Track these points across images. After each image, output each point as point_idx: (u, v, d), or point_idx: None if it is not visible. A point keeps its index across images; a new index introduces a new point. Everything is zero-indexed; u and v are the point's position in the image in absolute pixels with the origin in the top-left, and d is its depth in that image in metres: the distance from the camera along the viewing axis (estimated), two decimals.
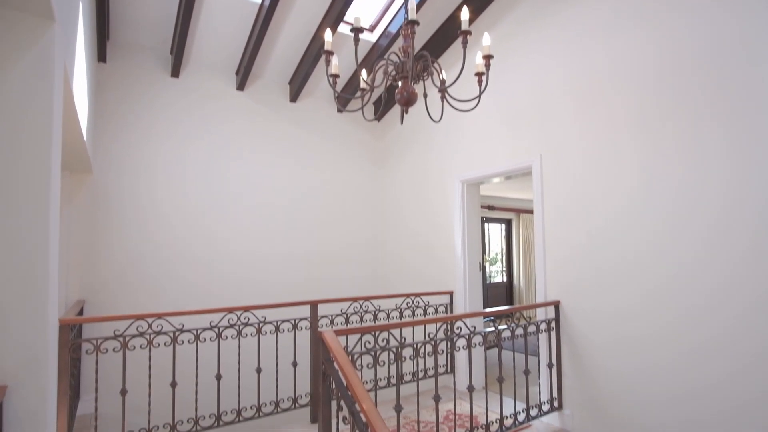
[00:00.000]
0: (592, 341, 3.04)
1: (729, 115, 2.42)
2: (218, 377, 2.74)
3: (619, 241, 2.90)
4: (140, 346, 2.51)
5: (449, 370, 3.92)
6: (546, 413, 3.18)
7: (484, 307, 4.72)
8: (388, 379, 3.46)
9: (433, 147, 4.49)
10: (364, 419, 1.71)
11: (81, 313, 3.17)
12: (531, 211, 3.45)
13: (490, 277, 8.16)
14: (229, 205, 4.17)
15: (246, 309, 2.84)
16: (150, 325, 2.53)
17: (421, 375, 3.59)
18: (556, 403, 3.23)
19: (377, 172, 5.24)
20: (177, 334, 2.61)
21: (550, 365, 3.23)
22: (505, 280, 8.35)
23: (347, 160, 5.01)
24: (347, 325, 3.35)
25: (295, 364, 3.01)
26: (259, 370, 2.88)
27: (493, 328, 2.84)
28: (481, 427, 2.79)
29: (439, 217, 4.33)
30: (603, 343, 2.98)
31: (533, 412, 3.09)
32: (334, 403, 1.99)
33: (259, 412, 2.88)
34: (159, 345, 2.57)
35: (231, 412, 2.80)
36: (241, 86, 4.24)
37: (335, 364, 1.95)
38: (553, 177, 3.32)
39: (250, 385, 2.93)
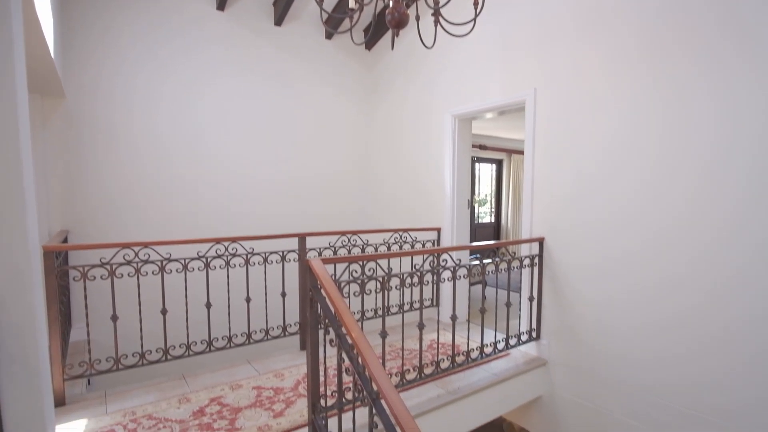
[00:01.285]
0: (573, 277, 3.14)
1: (737, 53, 2.33)
2: (208, 306, 2.80)
3: (607, 181, 2.90)
4: (128, 275, 2.52)
5: (434, 303, 4.06)
6: (524, 342, 3.36)
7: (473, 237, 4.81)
8: (375, 311, 3.58)
9: (425, 80, 4.32)
10: (350, 341, 1.77)
11: (65, 242, 3.15)
12: (522, 152, 3.40)
13: (478, 217, 8.25)
14: (213, 135, 4.05)
15: (234, 240, 2.84)
16: (137, 254, 2.53)
17: (407, 307, 3.70)
18: (534, 334, 3.40)
19: (367, 104, 5.08)
20: (165, 263, 2.62)
21: (530, 298, 3.36)
22: (493, 220, 8.46)
23: (336, 91, 4.83)
24: (335, 267, 3.39)
25: (284, 295, 3.08)
26: (248, 300, 2.94)
27: (477, 262, 2.90)
28: (463, 353, 2.95)
29: (430, 153, 4.27)
30: (582, 279, 3.08)
31: (512, 341, 3.25)
32: (321, 333, 2.05)
33: (249, 339, 2.98)
34: (147, 274, 2.58)
35: (222, 338, 2.89)
36: (221, 6, 3.95)
37: (322, 291, 1.99)
38: (546, 113, 3.24)
39: (240, 314, 3.00)
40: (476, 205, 8.13)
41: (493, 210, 8.48)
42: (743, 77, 2.28)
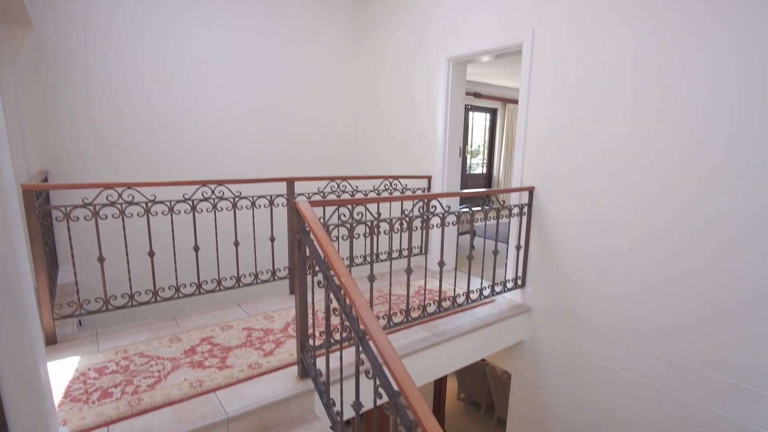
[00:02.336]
0: (560, 226, 3.17)
1: None
2: (196, 249, 2.78)
3: (600, 130, 2.84)
4: (112, 216, 2.47)
5: (423, 251, 4.10)
6: (510, 290, 3.44)
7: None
8: (364, 257, 3.61)
9: (418, 20, 4.10)
10: (337, 282, 1.78)
11: (45, 182, 3.06)
12: (518, 101, 3.30)
13: (470, 168, 8.20)
14: (197, 74, 3.87)
15: (220, 183, 2.78)
16: (120, 195, 2.47)
17: (395, 255, 3.74)
18: (519, 282, 3.48)
19: (358, 44, 4.85)
20: (150, 205, 2.57)
21: (518, 247, 3.40)
22: (485, 172, 8.43)
23: (326, 31, 4.58)
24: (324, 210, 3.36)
25: (272, 239, 3.07)
26: (236, 244, 2.93)
27: (466, 209, 2.89)
28: (449, 299, 3.01)
29: (422, 98, 4.14)
30: (569, 229, 3.10)
31: (498, 288, 3.32)
32: (310, 278, 2.06)
33: (239, 282, 3.01)
34: (132, 215, 2.53)
35: (211, 281, 2.91)
36: None
37: (310, 233, 1.97)
38: (543, 57, 3.11)
39: (229, 258, 3.00)
40: (468, 156, 8.05)
41: (485, 161, 8.42)
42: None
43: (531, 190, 3.30)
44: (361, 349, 1.66)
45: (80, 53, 3.34)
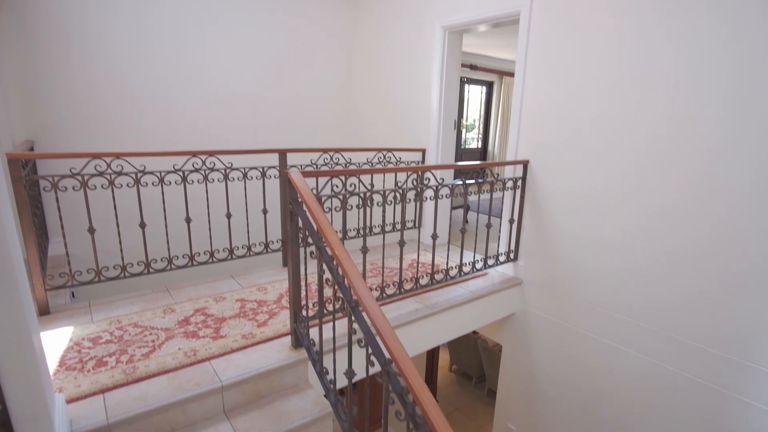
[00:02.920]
0: (553, 200, 3.17)
1: None
2: (188, 220, 2.76)
3: (596, 105, 2.80)
4: (101, 186, 2.43)
5: (416, 225, 4.11)
6: (502, 263, 3.47)
7: (456, 170, 4.78)
8: (357, 230, 3.61)
9: None
10: (329, 252, 1.77)
11: (31, 151, 3.00)
12: (514, 74, 3.23)
13: (465, 142, 8.14)
14: (188, 42, 3.76)
15: (211, 154, 2.74)
16: (109, 165, 2.42)
17: (388, 228, 3.74)
18: (512, 255, 3.50)
19: (352, 14, 4.71)
20: (140, 175, 2.52)
21: (511, 221, 3.41)
22: (480, 146, 8.38)
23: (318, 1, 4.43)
24: (317, 181, 3.33)
25: (265, 212, 3.05)
26: (228, 216, 2.91)
27: (460, 182, 2.88)
28: (442, 271, 3.04)
29: (417, 69, 4.05)
30: (563, 203, 3.11)
31: (490, 261, 3.35)
32: (303, 252, 2.05)
33: (231, 254, 3.00)
34: (122, 186, 2.50)
35: (204, 253, 2.90)
36: None
37: (302, 204, 1.96)
38: (540, 27, 3.04)
39: (222, 230, 2.99)
40: (464, 130, 7.98)
41: (480, 136, 8.35)
42: None
43: (525, 164, 3.28)
44: (353, 318, 1.68)
45: (67, 17, 3.21)
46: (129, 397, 1.81)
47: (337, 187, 2.22)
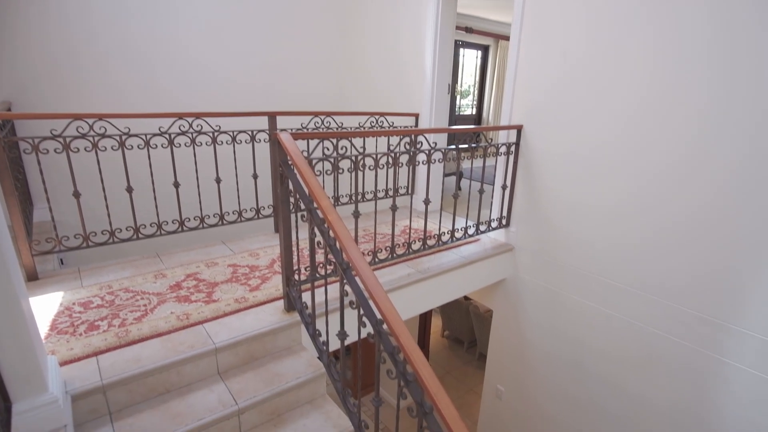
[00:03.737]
0: (547, 166, 3.15)
1: None
2: (176, 185, 2.71)
3: (592, 69, 2.73)
4: (85, 149, 2.36)
5: (409, 191, 4.08)
6: (494, 229, 3.48)
7: (449, 136, 4.72)
8: (349, 196, 3.57)
9: None
10: (321, 215, 1.75)
11: (8, 111, 2.89)
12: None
13: (459, 109, 8.02)
14: (176, 4, 3.58)
15: (198, 116, 2.65)
16: (91, 127, 2.34)
17: (381, 195, 3.72)
18: (504, 221, 3.51)
19: None
20: (124, 138, 2.45)
21: (504, 187, 3.39)
22: (474, 112, 8.26)
23: None
24: (308, 144, 3.27)
25: (255, 177, 3.00)
26: (218, 181, 2.86)
27: (453, 147, 2.84)
28: (434, 237, 3.04)
29: (410, 30, 3.92)
30: (556, 168, 3.09)
31: (483, 227, 3.35)
32: (294, 218, 2.03)
33: (222, 220, 2.97)
34: (106, 149, 2.43)
35: (194, 219, 2.86)
36: None
37: (292, 166, 1.92)
38: None
39: (211, 196, 2.94)
40: (458, 96, 7.84)
41: (475, 102, 8.22)
42: None
43: (519, 129, 3.24)
44: (345, 280, 1.67)
45: None
46: (123, 359, 1.82)
47: (328, 150, 2.18)
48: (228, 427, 1.79)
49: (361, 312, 1.60)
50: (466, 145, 2.86)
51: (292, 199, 1.99)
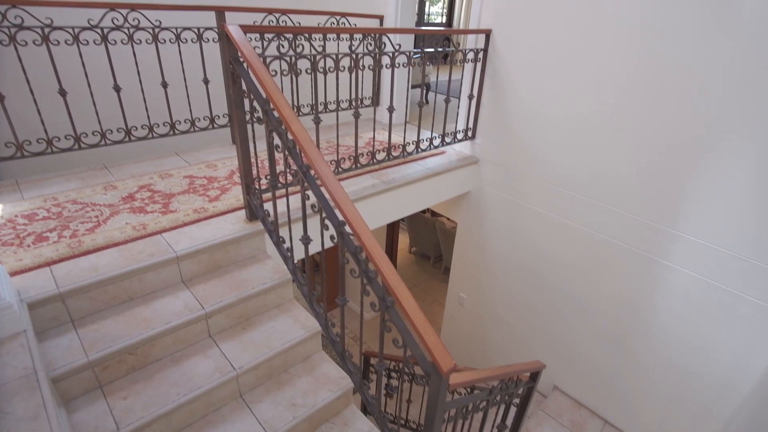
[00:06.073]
0: (514, 74, 3.06)
1: None
2: (117, 89, 2.45)
3: None
4: (1, 43, 2.06)
5: (373, 102, 3.93)
6: (460, 141, 3.45)
7: (416, 38, 4.46)
8: (311, 106, 3.40)
9: None
10: (277, 115, 1.65)
11: None
12: None
13: (428, 16, 7.54)
14: None
15: (133, 7, 2.33)
16: (5, 16, 2.02)
17: (344, 105, 3.55)
18: (470, 133, 3.48)
19: None
20: (48, 31, 2.14)
21: (470, 96, 3.31)
22: (444, 20, 7.80)
23: None
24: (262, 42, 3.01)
25: (206, 82, 2.76)
26: (165, 85, 2.61)
27: (418, 50, 2.68)
28: (399, 147, 2.99)
29: None
30: (523, 76, 3.01)
31: (448, 139, 3.32)
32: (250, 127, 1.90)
33: (173, 129, 2.77)
34: (26, 44, 2.13)
35: (142, 127, 2.66)
36: None
37: (244, 63, 1.76)
38: None
39: (159, 103, 2.70)
40: (427, 2, 7.32)
41: (445, 10, 7.72)
42: None
43: (488, 34, 3.08)
44: (306, 184, 1.63)
45: None
46: (79, 267, 1.77)
47: (284, 47, 2.00)
48: (197, 330, 1.83)
49: (323, 215, 1.58)
50: (432, 49, 2.71)
51: (247, 102, 1.86)
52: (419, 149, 3.09)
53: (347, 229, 1.48)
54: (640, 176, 2.62)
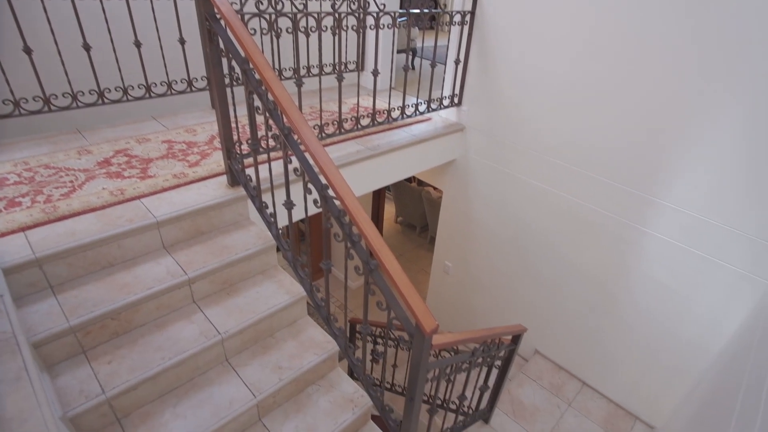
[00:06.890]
0: (502, 38, 3.00)
1: None
2: (86, 47, 2.32)
3: None
4: None
5: (357, 67, 3.83)
6: (446, 107, 3.41)
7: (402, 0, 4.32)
8: (293, 70, 3.30)
9: None
10: (257, 76, 1.59)
11: None
12: None
13: None
14: None
15: None
16: None
17: (328, 69, 3.45)
18: (456, 100, 3.44)
19: None
20: None
21: (457, 61, 3.25)
22: None
23: None
24: None
25: (182, 42, 2.63)
26: (138, 44, 2.48)
27: (404, 11, 2.60)
28: (384, 112, 2.94)
29: None
30: (511, 40, 2.96)
31: (434, 105, 3.27)
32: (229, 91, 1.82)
33: (149, 92, 2.65)
34: None
35: (116, 90, 2.54)
36: None
37: (221, 20, 1.68)
38: None
39: (133, 64, 2.58)
40: None
41: None
42: None
43: None
44: (288, 147, 1.60)
45: None
46: (55, 233, 1.73)
47: (263, 4, 1.91)
48: (180, 296, 1.82)
49: (306, 178, 1.56)
50: (417, 10, 2.63)
51: (225, 62, 1.78)
52: (404, 115, 3.05)
53: (330, 192, 1.47)
54: (623, 143, 2.64)
